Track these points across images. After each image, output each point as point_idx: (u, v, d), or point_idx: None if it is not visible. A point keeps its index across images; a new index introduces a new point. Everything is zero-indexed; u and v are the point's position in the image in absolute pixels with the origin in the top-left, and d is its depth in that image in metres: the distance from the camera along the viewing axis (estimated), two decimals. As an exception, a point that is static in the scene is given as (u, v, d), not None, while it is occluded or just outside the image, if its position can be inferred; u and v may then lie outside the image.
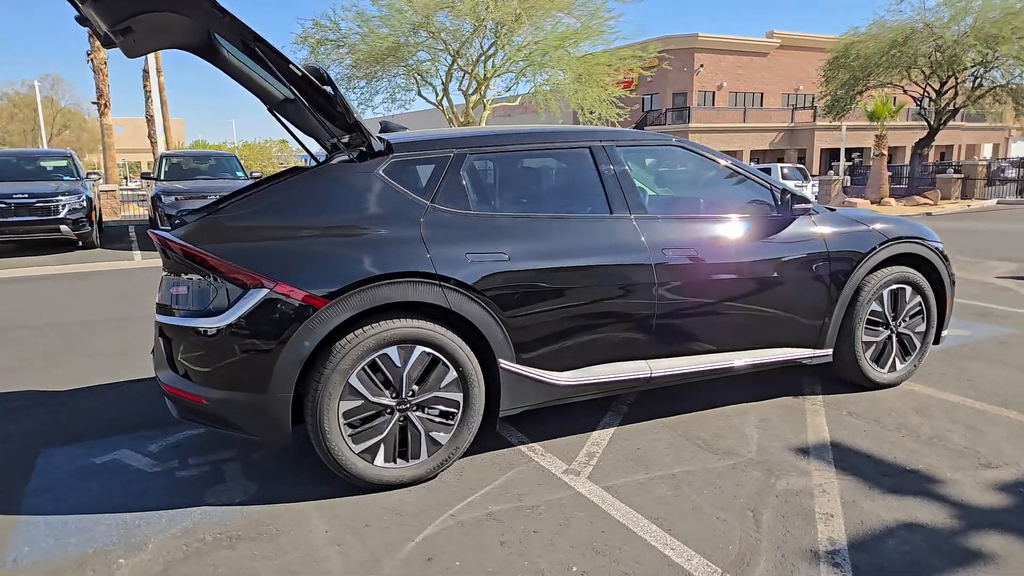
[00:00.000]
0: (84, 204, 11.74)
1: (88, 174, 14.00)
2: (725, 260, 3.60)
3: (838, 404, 3.99)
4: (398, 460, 3.05)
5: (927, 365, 4.59)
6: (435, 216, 3.13)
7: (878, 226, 4.06)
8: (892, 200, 20.94)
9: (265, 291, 2.76)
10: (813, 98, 36.37)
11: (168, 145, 19.68)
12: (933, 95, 24.08)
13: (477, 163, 3.33)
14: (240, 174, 13.84)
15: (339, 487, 3.06)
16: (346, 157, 3.84)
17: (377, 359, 2.93)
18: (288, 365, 2.81)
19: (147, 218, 15.23)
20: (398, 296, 2.93)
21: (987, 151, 44.01)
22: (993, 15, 21.37)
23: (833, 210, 4.08)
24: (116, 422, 3.96)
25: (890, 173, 23.47)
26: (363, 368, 2.91)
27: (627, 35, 18.34)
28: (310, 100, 3.09)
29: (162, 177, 13.22)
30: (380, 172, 3.15)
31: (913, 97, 25.39)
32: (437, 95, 18.54)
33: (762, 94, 38.17)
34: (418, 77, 17.90)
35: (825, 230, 3.88)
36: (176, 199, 12.08)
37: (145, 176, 13.77)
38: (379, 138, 3.25)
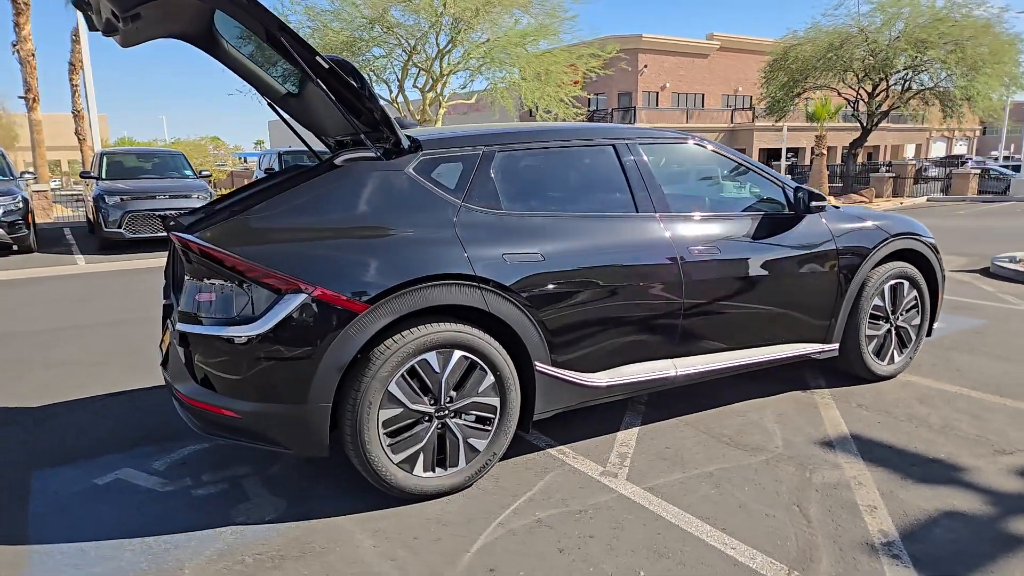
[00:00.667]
0: (20, 205, 11.04)
1: (21, 173, 13.20)
2: (745, 258, 3.63)
3: (846, 397, 4.09)
4: (437, 469, 2.95)
5: (917, 357, 4.75)
6: (468, 216, 3.04)
7: (878, 222, 4.18)
8: (831, 198, 21.76)
9: (303, 296, 2.62)
10: (751, 99, 37.53)
11: (99, 142, 18.69)
12: (866, 97, 25.13)
13: (504, 161, 3.24)
14: (189, 173, 13.25)
15: (375, 499, 2.94)
16: (353, 155, 3.72)
17: (416, 365, 2.82)
18: (328, 374, 2.67)
19: (85, 220, 14.44)
20: (438, 299, 2.83)
21: (910, 151, 46.31)
22: (922, 20, 22.42)
23: (837, 207, 4.17)
24: (107, 439, 3.71)
25: (827, 172, 24.37)
26: (402, 375, 2.80)
27: (578, 34, 18.33)
28: (336, 94, 2.95)
29: (103, 176, 12.53)
30: (410, 170, 3.04)
31: (846, 99, 26.44)
32: (391, 92, 18.23)
33: (703, 95, 39.11)
34: (371, 74, 17.55)
35: (834, 227, 3.96)
36: (121, 199, 11.48)
37: (84, 175, 12.99)
38: (406, 135, 3.14)
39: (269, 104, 3.93)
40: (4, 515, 2.92)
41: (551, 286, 3.09)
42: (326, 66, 2.86)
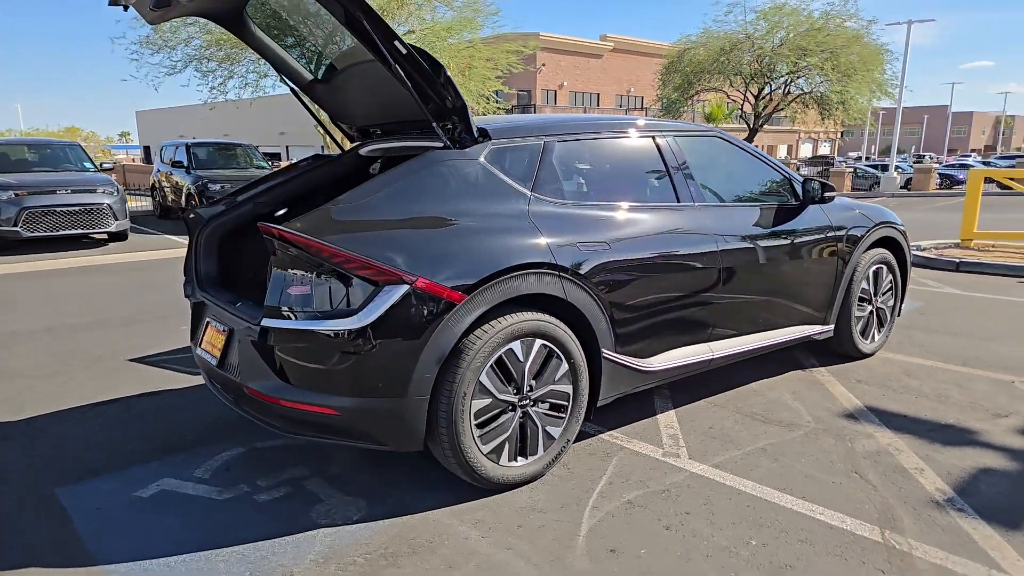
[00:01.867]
0: None
1: None
2: (767, 245, 3.86)
3: (842, 374, 4.43)
4: (519, 458, 2.96)
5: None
6: (538, 206, 3.06)
7: (862, 211, 4.56)
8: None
9: (405, 287, 2.55)
10: (643, 100, 39.13)
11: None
12: (752, 100, 26.89)
13: (562, 151, 3.28)
14: (89, 166, 12.17)
15: (456, 492, 2.91)
16: (379, 144, 3.64)
17: (503, 355, 2.82)
18: (427, 366, 2.62)
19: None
20: (525, 288, 2.84)
21: (783, 151, 49.96)
22: (802, 29, 24.31)
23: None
24: (124, 450, 3.41)
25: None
26: (491, 365, 2.79)
27: (493, 28, 18.24)
28: (412, 81, 2.87)
29: (-11, 169, 11.29)
30: (482, 160, 3.01)
31: (734, 101, 28.17)
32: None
33: (598, 94, 40.33)
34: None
35: (832, 216, 4.28)
36: (16, 195, 10.41)
37: (-34, 168, 11.64)
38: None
39: (292, 89, 3.76)
40: (51, 536, 2.64)
41: (616, 274, 3.17)
42: (404, 51, 2.79)
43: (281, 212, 3.73)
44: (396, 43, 2.77)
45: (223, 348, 2.96)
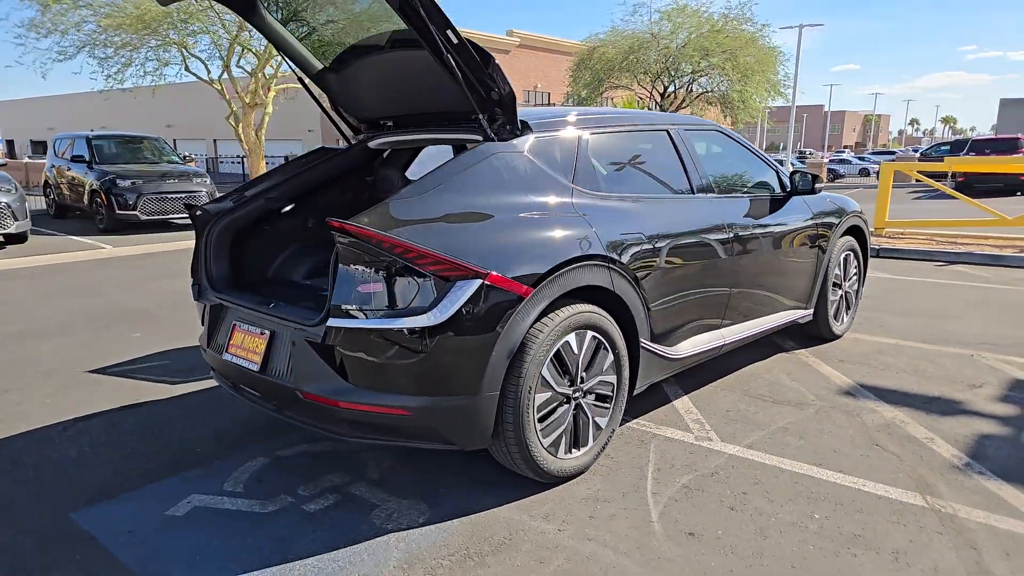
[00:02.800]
0: None
1: None
2: (768, 233, 4.03)
3: (823, 354, 4.70)
4: (572, 450, 2.96)
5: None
6: (580, 198, 3.06)
7: (834, 200, 4.85)
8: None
9: (478, 282, 2.49)
10: (550, 95, 39.68)
11: None
12: (659, 98, 27.87)
13: (594, 144, 3.29)
14: (-21, 161, 11.05)
15: (513, 488, 2.88)
16: (386, 138, 3.55)
17: (560, 348, 2.81)
18: (499, 362, 2.57)
19: None
20: (582, 280, 2.84)
21: (680, 146, 51.94)
22: (703, 30, 25.42)
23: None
24: (131, 468, 3.15)
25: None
26: (551, 358, 2.77)
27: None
28: (461, 71, 2.79)
29: None
30: (526, 151, 2.98)
31: (640, 98, 29.10)
32: (208, 70, 16.59)
33: (506, 90, 40.44)
34: (184, 51, 15.81)
35: (814, 205, 4.52)
36: None
37: None
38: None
39: (299, 79, 3.57)
40: (92, 569, 2.40)
41: (653, 264, 3.22)
42: (456, 40, 2.72)
43: (289, 207, 3.54)
44: (448, 32, 2.69)
45: (265, 352, 2.78)
